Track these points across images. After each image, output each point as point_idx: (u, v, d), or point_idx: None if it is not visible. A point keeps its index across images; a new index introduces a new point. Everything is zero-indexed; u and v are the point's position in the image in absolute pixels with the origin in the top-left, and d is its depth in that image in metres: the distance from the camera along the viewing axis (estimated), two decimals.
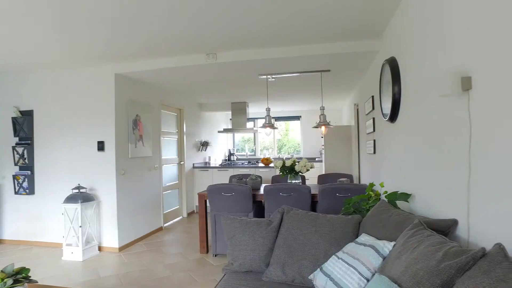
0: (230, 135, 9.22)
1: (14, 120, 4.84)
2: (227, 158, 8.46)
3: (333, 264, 1.84)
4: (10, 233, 4.93)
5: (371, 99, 4.01)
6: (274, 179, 4.97)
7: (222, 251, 4.03)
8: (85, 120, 4.54)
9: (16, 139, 4.89)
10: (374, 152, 3.95)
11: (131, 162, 4.74)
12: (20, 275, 1.79)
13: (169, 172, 6.07)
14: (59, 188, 4.65)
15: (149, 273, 3.67)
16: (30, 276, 1.85)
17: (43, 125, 4.77)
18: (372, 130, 3.97)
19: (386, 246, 1.68)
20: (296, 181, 4.30)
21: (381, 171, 3.64)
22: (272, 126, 4.60)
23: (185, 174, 6.53)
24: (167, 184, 5.93)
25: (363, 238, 1.90)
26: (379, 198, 2.84)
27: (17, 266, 3.91)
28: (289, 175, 4.34)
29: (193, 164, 6.95)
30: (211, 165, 7.13)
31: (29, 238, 4.82)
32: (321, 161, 7.90)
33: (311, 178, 7.48)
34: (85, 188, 4.37)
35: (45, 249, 4.57)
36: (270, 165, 6.79)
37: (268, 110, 4.71)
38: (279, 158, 8.74)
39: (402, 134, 2.71)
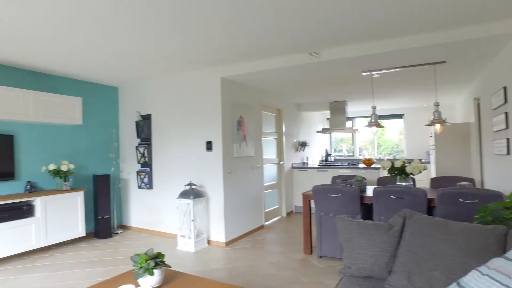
0: (326, 135, 9.02)
1: (137, 124, 5.52)
2: (324, 158, 8.30)
3: (475, 280, 1.60)
4: (135, 221, 5.63)
5: (502, 90, 3.46)
6: (380, 181, 4.67)
7: (328, 253, 3.93)
8: (194, 121, 4.92)
9: (138, 140, 5.56)
10: (508, 153, 3.39)
11: (236, 162, 4.97)
12: (158, 259, 1.98)
13: (269, 171, 6.20)
14: (173, 184, 5.13)
15: (255, 269, 3.77)
16: (165, 261, 2.04)
17: (159, 127, 5.32)
18: (504, 127, 3.43)
19: None
20: (407, 183, 3.95)
21: None
22: (378, 125, 4.33)
23: (284, 174, 6.60)
24: (268, 184, 6.06)
25: None
26: None
27: (142, 251, 4.39)
28: (398, 177, 4.02)
29: (292, 164, 6.98)
30: (309, 166, 7.07)
31: (149, 227, 5.44)
32: (428, 162, 7.19)
33: (419, 181, 6.85)
34: (196, 185, 4.73)
35: (163, 238, 5.08)
36: (372, 166, 6.43)
37: (374, 108, 4.44)
38: (379, 159, 8.23)
39: None
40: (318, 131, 7.40)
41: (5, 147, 4.30)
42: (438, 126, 4.10)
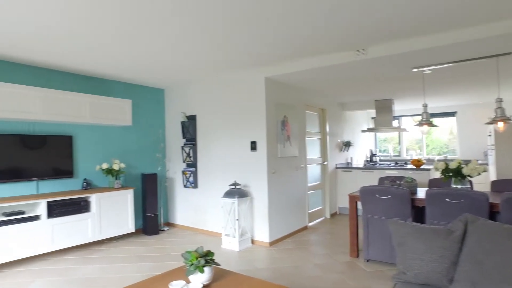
0: (370, 135, 8.73)
1: (182, 124, 5.68)
2: (369, 159, 8.02)
3: None
4: (180, 219, 5.80)
5: None
6: (432, 182, 4.41)
7: (376, 257, 3.78)
8: (238, 122, 4.97)
9: (184, 140, 5.72)
10: None
11: (280, 162, 4.94)
12: (208, 257, 2.01)
13: (313, 172, 6.11)
14: (217, 183, 5.21)
15: (300, 270, 3.72)
16: (214, 259, 2.06)
17: (204, 127, 5.43)
18: None
19: None
20: (463, 186, 3.70)
21: None
22: (430, 124, 4.09)
23: (328, 174, 6.47)
24: (311, 184, 5.98)
25: None
26: None
27: (188, 248, 4.51)
28: (453, 179, 3.78)
29: (336, 164, 6.82)
30: (354, 166, 6.87)
31: (194, 225, 5.57)
32: (486, 163, 6.69)
33: (476, 184, 6.41)
34: (240, 184, 4.77)
35: (207, 237, 5.18)
36: (421, 167, 6.11)
37: (425, 106, 4.21)
38: (429, 160, 7.80)
39: None
40: (363, 131, 7.18)
41: (65, 147, 4.62)
42: (501, 124, 3.79)
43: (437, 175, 6.09)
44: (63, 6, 2.65)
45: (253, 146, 4.75)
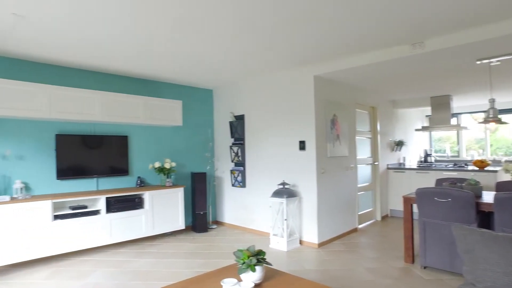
0: (424, 133, 8.22)
1: (231, 124, 5.74)
2: (423, 159, 7.56)
3: None
4: (228, 217, 5.88)
5: None
6: (501, 185, 4.04)
7: (434, 264, 3.54)
8: (287, 121, 4.91)
9: (232, 140, 5.78)
10: None
11: (330, 161, 4.82)
12: (260, 256, 1.99)
13: (363, 172, 5.89)
14: (266, 183, 5.20)
15: (351, 273, 3.59)
16: (265, 259, 2.04)
17: (252, 127, 5.45)
18: None
19: None
20: None
21: None
22: (499, 121, 3.74)
23: (379, 175, 6.20)
24: (361, 185, 5.76)
25: None
26: None
27: (236, 247, 4.55)
28: None
29: (387, 165, 6.52)
30: (407, 167, 6.51)
31: (242, 224, 5.61)
32: None
33: None
34: (289, 184, 4.71)
35: (255, 236, 5.19)
36: (485, 168, 5.63)
37: (492, 101, 3.85)
38: (494, 161, 7.17)
39: None
40: (417, 129, 6.77)
41: (121, 147, 4.88)
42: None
43: (506, 177, 5.56)
44: (120, 17, 2.79)
45: (302, 145, 4.67)
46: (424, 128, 6.60)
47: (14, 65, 4.09)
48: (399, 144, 6.83)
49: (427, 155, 7.46)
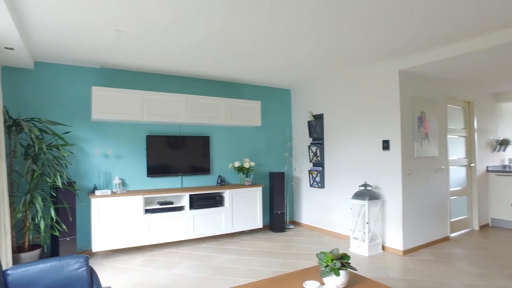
0: None
1: (309, 124, 5.66)
2: None
3: None
4: (305, 218, 5.80)
5: None
6: None
7: None
8: (368, 119, 4.66)
9: (311, 140, 5.69)
10: None
11: (417, 162, 4.44)
12: (344, 260, 1.90)
13: (456, 175, 5.30)
14: (345, 184, 5.00)
15: (441, 286, 3.24)
16: (350, 263, 1.93)
17: (331, 126, 5.29)
18: None
19: None
20: None
21: None
22: None
23: (476, 178, 5.52)
24: (454, 189, 5.19)
25: None
26: None
27: (314, 249, 4.45)
28: None
29: (487, 167, 5.77)
30: None
31: (319, 226, 5.49)
32: None
33: None
34: (371, 186, 4.46)
35: (334, 238, 5.02)
36: None
37: None
38: None
39: None
40: None
41: (203, 146, 5.15)
42: None
43: None
44: (210, 21, 2.93)
45: (385, 145, 4.38)
46: None
47: (113, 74, 4.61)
48: (503, 143, 5.99)
49: None
